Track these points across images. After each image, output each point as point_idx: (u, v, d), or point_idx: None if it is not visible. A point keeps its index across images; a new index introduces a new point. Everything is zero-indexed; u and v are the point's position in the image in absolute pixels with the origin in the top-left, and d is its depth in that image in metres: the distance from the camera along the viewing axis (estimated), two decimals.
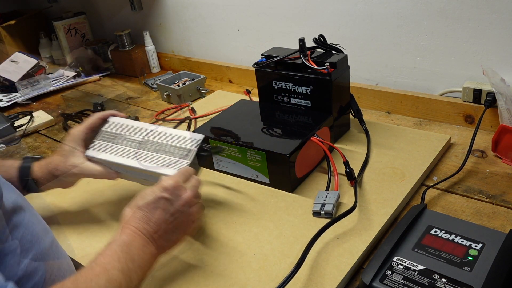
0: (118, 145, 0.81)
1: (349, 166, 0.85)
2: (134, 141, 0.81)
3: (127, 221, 0.62)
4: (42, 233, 0.60)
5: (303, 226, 0.76)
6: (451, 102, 1.04)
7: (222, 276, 0.68)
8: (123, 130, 0.83)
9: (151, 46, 1.61)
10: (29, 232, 0.57)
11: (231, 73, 1.47)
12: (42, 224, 0.63)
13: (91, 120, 0.83)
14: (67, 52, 1.82)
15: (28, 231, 0.57)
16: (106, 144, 0.82)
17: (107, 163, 0.80)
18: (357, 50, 1.18)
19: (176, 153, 0.77)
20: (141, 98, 1.45)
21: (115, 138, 0.82)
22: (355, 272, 0.68)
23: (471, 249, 0.64)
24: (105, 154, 0.80)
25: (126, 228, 0.62)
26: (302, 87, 0.96)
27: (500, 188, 0.82)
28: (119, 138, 0.82)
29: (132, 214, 0.63)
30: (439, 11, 1.02)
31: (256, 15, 1.36)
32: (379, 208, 0.78)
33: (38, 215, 0.63)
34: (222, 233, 0.77)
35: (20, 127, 1.27)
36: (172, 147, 0.78)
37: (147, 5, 1.64)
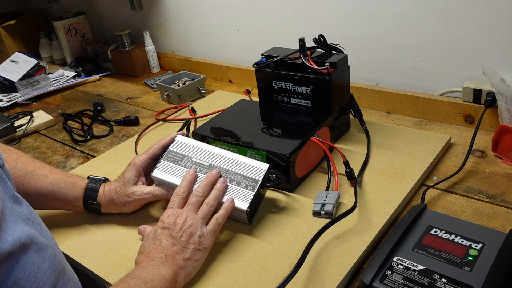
0: (184, 168, 0.81)
1: (349, 166, 0.85)
2: (201, 165, 0.80)
3: (139, 259, 0.66)
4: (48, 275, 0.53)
5: (303, 226, 0.76)
6: (451, 102, 1.04)
7: (222, 276, 0.68)
8: (190, 151, 0.82)
9: (151, 46, 1.61)
10: (28, 278, 0.50)
11: (231, 73, 1.47)
12: (49, 262, 0.53)
13: (153, 150, 0.83)
14: (67, 52, 1.83)
15: (26, 276, 0.49)
16: (172, 165, 0.81)
17: (172, 186, 0.79)
18: (357, 50, 1.18)
19: (242, 182, 0.77)
20: (141, 98, 1.45)
21: (181, 160, 0.82)
22: (355, 272, 0.68)
23: (471, 249, 0.64)
24: (170, 177, 0.80)
25: (138, 263, 0.65)
26: (302, 87, 0.96)
27: (500, 188, 0.82)
28: (186, 159, 0.82)
29: (141, 252, 0.67)
30: (439, 11, 1.02)
31: (256, 15, 1.36)
32: (379, 208, 0.78)
33: (47, 247, 0.54)
34: (222, 233, 0.77)
35: (20, 127, 1.27)
36: (238, 176, 0.78)
37: (147, 5, 1.64)
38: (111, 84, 1.62)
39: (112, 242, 0.78)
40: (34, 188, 0.78)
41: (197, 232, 0.69)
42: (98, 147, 1.17)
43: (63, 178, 0.80)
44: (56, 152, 1.17)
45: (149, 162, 0.83)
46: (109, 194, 0.80)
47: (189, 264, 0.66)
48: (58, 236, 0.80)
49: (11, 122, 1.26)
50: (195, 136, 0.94)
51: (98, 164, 1.05)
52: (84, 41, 1.85)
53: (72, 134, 1.23)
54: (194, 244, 0.68)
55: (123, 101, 1.45)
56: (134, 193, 0.78)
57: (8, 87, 1.59)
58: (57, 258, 0.55)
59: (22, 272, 0.49)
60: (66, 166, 1.09)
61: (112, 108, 1.39)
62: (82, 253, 0.77)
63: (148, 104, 1.39)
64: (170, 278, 0.62)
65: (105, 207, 0.81)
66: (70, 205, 0.81)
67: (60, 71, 1.69)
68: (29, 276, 0.49)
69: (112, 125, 1.27)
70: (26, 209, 0.53)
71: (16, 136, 1.26)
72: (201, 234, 0.69)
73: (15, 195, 0.52)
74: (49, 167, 0.82)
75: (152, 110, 1.34)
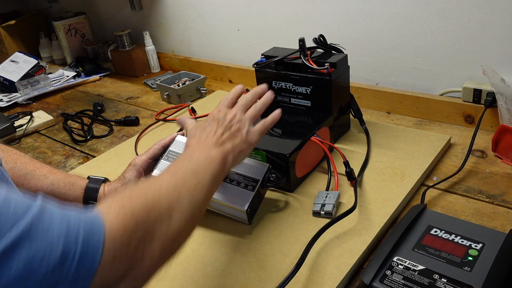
0: None
1: (349, 166, 0.85)
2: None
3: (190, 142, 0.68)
4: None
5: (303, 226, 0.76)
6: (451, 102, 1.04)
7: (222, 276, 0.68)
8: None
9: (151, 46, 1.61)
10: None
11: (231, 73, 1.47)
12: None
13: (153, 150, 0.83)
14: (67, 52, 1.83)
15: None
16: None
17: None
18: (357, 50, 1.18)
19: (242, 182, 0.77)
20: (141, 98, 1.45)
21: None
22: (355, 272, 0.68)
23: (471, 249, 0.64)
24: None
25: (189, 145, 0.68)
26: (302, 87, 0.96)
27: (500, 188, 0.82)
28: None
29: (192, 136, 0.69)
30: (439, 11, 1.02)
31: (256, 15, 1.36)
32: (379, 208, 0.78)
33: None
34: (222, 233, 0.77)
35: (20, 127, 1.27)
36: (238, 176, 0.78)
37: (147, 5, 1.64)
38: (111, 84, 1.62)
39: None
40: (34, 188, 0.77)
41: (245, 127, 0.71)
42: (98, 147, 1.17)
43: (63, 178, 0.80)
44: (56, 152, 1.17)
45: (149, 162, 0.83)
46: (108, 193, 0.80)
47: (236, 151, 0.68)
48: None
49: (11, 122, 1.26)
50: None
51: (98, 164, 1.05)
52: (84, 41, 1.85)
53: (72, 134, 1.23)
54: (242, 137, 0.69)
55: (123, 101, 1.45)
56: None
57: (8, 87, 1.59)
58: None
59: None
60: (66, 166, 1.09)
61: (112, 108, 1.39)
62: None
63: (148, 104, 1.39)
64: (220, 160, 0.64)
65: None
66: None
67: (60, 71, 1.69)
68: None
69: (112, 125, 1.27)
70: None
71: (16, 136, 1.26)
72: (248, 130, 0.71)
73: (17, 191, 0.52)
74: (49, 167, 0.82)
75: (152, 110, 1.34)
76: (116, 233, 0.43)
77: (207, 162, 0.62)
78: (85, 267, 0.39)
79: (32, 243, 0.37)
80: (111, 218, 0.44)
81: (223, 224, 0.79)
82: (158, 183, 0.54)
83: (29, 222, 0.37)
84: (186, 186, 0.56)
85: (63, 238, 0.38)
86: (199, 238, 0.77)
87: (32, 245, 0.36)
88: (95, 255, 0.40)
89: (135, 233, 0.45)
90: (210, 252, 0.73)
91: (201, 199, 0.57)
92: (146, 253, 0.46)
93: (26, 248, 0.36)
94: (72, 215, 0.41)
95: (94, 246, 0.40)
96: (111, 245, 0.42)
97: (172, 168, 0.59)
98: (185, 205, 0.53)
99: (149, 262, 0.47)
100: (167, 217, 0.50)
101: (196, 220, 0.56)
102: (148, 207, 0.49)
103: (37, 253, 0.36)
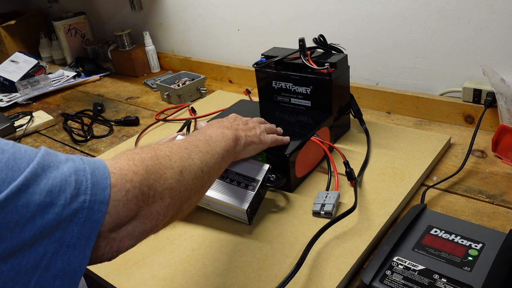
0: None
1: (349, 166, 0.85)
2: None
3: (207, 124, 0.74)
4: None
5: (303, 226, 0.76)
6: (451, 102, 1.04)
7: (222, 276, 0.68)
8: None
9: (151, 46, 1.61)
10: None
11: (231, 73, 1.47)
12: None
13: None
14: (67, 52, 1.83)
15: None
16: None
17: None
18: (357, 50, 1.18)
19: (243, 182, 0.78)
20: (141, 98, 1.45)
21: None
22: (355, 272, 0.68)
23: (471, 249, 0.64)
24: None
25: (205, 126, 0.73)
26: (302, 87, 0.96)
27: (500, 188, 0.82)
28: None
29: (210, 124, 0.74)
30: (439, 11, 1.02)
31: (256, 15, 1.36)
32: (379, 208, 0.78)
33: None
34: (222, 233, 0.77)
35: (20, 127, 1.27)
36: (238, 176, 0.78)
37: (147, 5, 1.64)
38: (111, 84, 1.62)
39: None
40: None
41: (260, 130, 0.78)
42: (98, 147, 1.17)
43: None
44: None
45: None
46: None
47: (249, 140, 0.73)
48: None
49: (11, 122, 1.26)
50: None
51: None
52: (84, 41, 1.85)
53: (72, 134, 1.23)
54: (255, 133, 0.76)
55: (123, 101, 1.45)
56: None
57: (8, 87, 1.59)
58: None
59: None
60: None
61: (112, 108, 1.39)
62: None
63: (148, 104, 1.39)
64: (233, 138, 0.69)
65: None
66: None
67: (60, 71, 1.69)
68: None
69: (112, 125, 1.27)
70: None
71: (16, 136, 1.26)
72: (261, 132, 0.78)
73: None
74: None
75: (152, 110, 1.34)
76: (127, 172, 0.46)
77: (219, 137, 0.66)
78: (99, 194, 0.42)
79: (49, 175, 0.40)
80: (121, 161, 0.47)
81: (223, 224, 0.79)
82: (168, 144, 0.57)
83: (41, 159, 0.40)
84: (198, 150, 0.59)
85: (73, 170, 0.41)
86: (199, 238, 0.77)
87: (49, 177, 0.39)
88: (105, 183, 0.43)
89: (145, 175, 0.47)
90: (210, 252, 0.73)
91: (212, 165, 0.59)
92: (157, 197, 0.48)
93: (44, 179, 0.39)
94: (75, 156, 0.44)
95: (102, 176, 0.43)
96: (121, 178, 0.45)
97: (185, 138, 0.63)
98: (196, 165, 0.56)
99: (158, 207, 0.49)
100: (178, 171, 0.52)
101: (205, 184, 0.59)
102: (158, 157, 0.51)
103: (54, 183, 0.39)
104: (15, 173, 0.37)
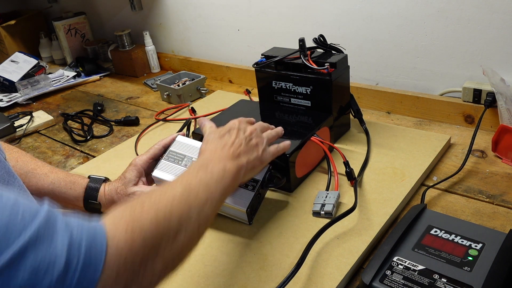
0: (185, 168, 0.80)
1: (349, 166, 0.85)
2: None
3: (206, 147, 0.68)
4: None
5: (303, 226, 0.76)
6: (451, 102, 1.04)
7: (222, 276, 0.68)
8: (190, 151, 0.82)
9: (151, 46, 1.61)
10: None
11: (231, 73, 1.47)
12: None
13: (154, 150, 0.83)
14: (67, 52, 1.82)
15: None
16: (172, 165, 0.81)
17: None
18: (357, 50, 1.18)
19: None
20: (141, 98, 1.45)
21: (181, 160, 0.81)
22: (355, 272, 0.69)
23: (471, 249, 0.64)
24: (171, 177, 0.79)
25: (204, 151, 0.68)
26: (302, 87, 0.96)
27: (500, 188, 0.82)
28: (186, 159, 0.81)
29: (208, 141, 0.70)
30: (439, 11, 1.02)
31: (256, 15, 1.36)
32: (379, 208, 0.78)
33: None
34: (222, 233, 0.77)
35: (20, 127, 1.27)
36: None
37: (147, 5, 1.64)
38: (111, 84, 1.62)
39: None
40: (35, 187, 0.78)
41: (263, 144, 0.72)
42: (98, 147, 1.17)
43: (64, 178, 0.80)
44: (56, 152, 1.17)
45: (150, 162, 0.83)
46: (109, 194, 0.80)
47: (250, 166, 0.68)
48: None
49: (11, 122, 1.26)
50: (195, 136, 0.94)
51: (98, 164, 1.05)
52: (84, 41, 1.85)
53: (72, 134, 1.23)
54: (258, 153, 0.71)
55: (123, 101, 1.45)
56: (135, 193, 0.78)
57: (8, 87, 1.59)
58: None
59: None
60: (66, 166, 1.09)
61: (112, 108, 1.39)
62: None
63: (148, 104, 1.39)
64: (233, 174, 0.64)
65: (105, 207, 0.81)
66: (71, 205, 0.81)
67: (60, 71, 1.69)
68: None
69: (112, 125, 1.27)
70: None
71: (16, 136, 1.26)
72: (264, 149, 0.72)
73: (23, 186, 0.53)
74: (49, 166, 0.82)
75: (152, 110, 1.34)
76: (123, 248, 0.43)
77: (220, 175, 0.62)
78: (88, 277, 0.39)
79: (38, 252, 0.37)
80: (120, 231, 0.44)
81: (223, 224, 0.79)
82: (171, 194, 0.53)
83: (36, 229, 0.38)
84: (197, 200, 0.55)
85: (66, 247, 0.39)
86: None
87: (38, 253, 0.37)
88: (97, 265, 0.40)
89: (141, 250, 0.45)
90: (210, 252, 0.73)
91: (209, 214, 0.57)
92: (149, 269, 0.46)
93: (32, 256, 0.36)
94: (76, 224, 0.41)
95: (96, 256, 0.41)
96: (116, 258, 0.42)
97: (186, 177, 0.59)
98: (193, 222, 0.53)
99: (150, 277, 0.47)
100: (174, 234, 0.50)
101: (200, 236, 0.56)
102: (158, 222, 0.48)
103: (42, 262, 0.37)
104: (2, 246, 0.35)
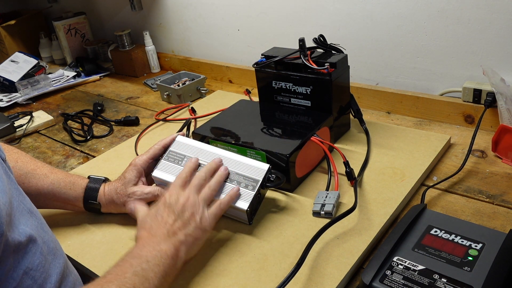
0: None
1: (349, 166, 0.85)
2: (201, 165, 0.79)
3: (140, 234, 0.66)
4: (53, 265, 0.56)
5: (303, 226, 0.76)
6: (451, 102, 1.04)
7: (222, 276, 0.68)
8: (190, 151, 0.82)
9: (151, 46, 1.61)
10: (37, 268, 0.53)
11: (231, 73, 1.47)
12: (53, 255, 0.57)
13: (154, 150, 0.83)
14: (67, 52, 1.82)
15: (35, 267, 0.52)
16: (172, 165, 0.81)
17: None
18: (357, 50, 1.18)
19: (243, 182, 0.77)
20: (141, 98, 1.45)
21: (181, 160, 0.81)
22: (355, 272, 0.68)
23: (471, 249, 0.64)
24: (171, 177, 0.79)
25: (139, 239, 0.65)
26: (302, 87, 0.96)
27: (500, 188, 0.82)
28: (186, 159, 0.81)
29: (142, 227, 0.67)
30: (439, 11, 1.02)
31: (256, 15, 1.36)
32: (379, 208, 0.78)
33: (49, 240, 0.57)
34: (222, 232, 0.77)
35: (20, 127, 1.27)
36: (238, 176, 0.78)
37: (147, 5, 1.64)
38: (111, 84, 1.62)
39: (112, 242, 0.78)
40: (35, 188, 0.78)
41: (199, 212, 0.69)
42: (98, 147, 1.17)
43: (64, 178, 0.80)
44: (56, 152, 1.17)
45: (149, 162, 0.83)
46: (109, 194, 0.80)
47: (190, 240, 0.66)
48: (58, 235, 0.80)
49: (11, 122, 1.26)
50: (195, 136, 0.94)
51: (98, 164, 1.05)
52: (84, 41, 1.85)
53: (72, 134, 1.23)
54: (196, 223, 0.67)
55: (123, 101, 1.45)
56: (135, 193, 0.78)
57: (8, 87, 1.59)
58: (59, 251, 0.58)
59: (31, 263, 0.51)
60: (66, 166, 1.09)
61: (112, 108, 1.39)
62: (82, 253, 0.77)
63: (148, 104, 1.39)
64: (172, 254, 0.62)
65: (105, 207, 0.81)
66: (70, 205, 0.81)
67: (60, 71, 1.69)
68: (37, 266, 0.52)
69: (112, 125, 1.27)
70: (29, 202, 0.55)
71: (16, 136, 1.26)
72: (202, 216, 0.69)
73: (19, 188, 0.54)
74: (49, 166, 0.82)
75: (152, 110, 1.34)
76: None
77: (157, 259, 0.59)
78: None
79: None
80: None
81: (223, 224, 0.79)
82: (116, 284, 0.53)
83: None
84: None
85: None
86: None
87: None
88: None
89: None
90: (210, 252, 0.73)
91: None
92: None
93: None
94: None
95: None
96: None
97: (121, 269, 0.57)
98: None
99: None
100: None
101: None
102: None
103: None
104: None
